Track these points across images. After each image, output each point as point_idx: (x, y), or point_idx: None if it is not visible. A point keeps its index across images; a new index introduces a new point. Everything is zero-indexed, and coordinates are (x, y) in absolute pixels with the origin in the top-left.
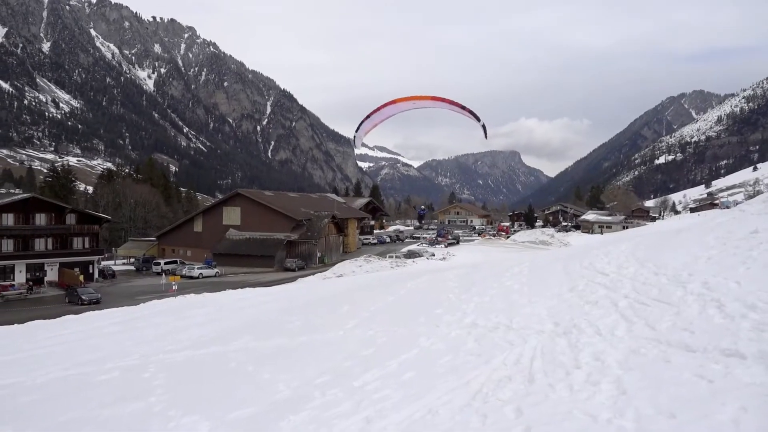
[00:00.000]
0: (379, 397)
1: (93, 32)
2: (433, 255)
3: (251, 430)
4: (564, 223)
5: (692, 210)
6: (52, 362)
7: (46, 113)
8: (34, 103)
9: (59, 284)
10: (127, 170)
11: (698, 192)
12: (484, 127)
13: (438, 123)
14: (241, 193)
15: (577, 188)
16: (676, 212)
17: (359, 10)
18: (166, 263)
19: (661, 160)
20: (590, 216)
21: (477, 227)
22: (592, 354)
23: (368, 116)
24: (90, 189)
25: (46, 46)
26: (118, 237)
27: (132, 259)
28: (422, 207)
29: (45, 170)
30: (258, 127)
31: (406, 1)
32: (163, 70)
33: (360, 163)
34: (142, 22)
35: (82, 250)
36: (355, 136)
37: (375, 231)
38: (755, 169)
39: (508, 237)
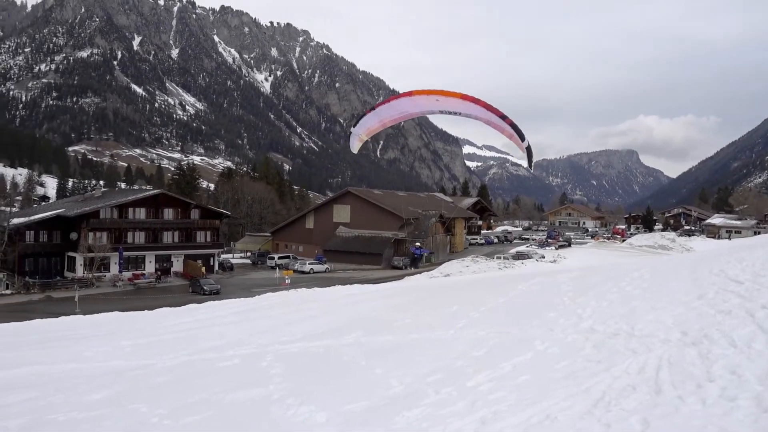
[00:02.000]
0: (494, 398)
1: (216, 38)
2: (543, 257)
3: (367, 423)
4: (687, 227)
5: None
6: (179, 347)
7: (174, 115)
8: (163, 106)
9: (183, 275)
10: (245, 169)
11: None
12: (529, 150)
13: (549, 121)
14: (351, 191)
15: (702, 190)
16: None
17: (467, 10)
18: (279, 258)
19: None
20: (717, 220)
21: (590, 229)
22: (727, 367)
23: (373, 108)
24: (211, 186)
25: (174, 53)
26: (236, 232)
27: (248, 253)
28: (417, 245)
29: (172, 168)
30: None
31: None
32: (279, 73)
33: (468, 163)
34: (261, 27)
35: (204, 243)
36: (351, 133)
37: (482, 231)
38: None
39: (623, 240)
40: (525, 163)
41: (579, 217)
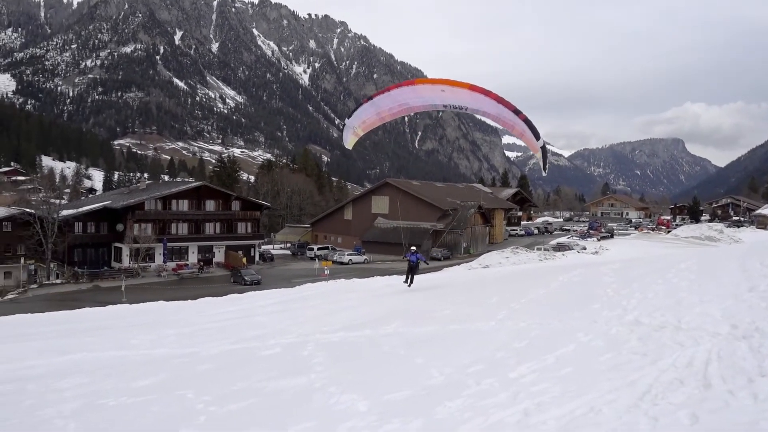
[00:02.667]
0: (537, 390)
1: (255, 31)
2: (585, 248)
3: (408, 412)
4: (735, 218)
5: None
6: (221, 336)
7: (215, 108)
8: (204, 100)
9: (225, 265)
10: (284, 160)
11: None
12: (543, 150)
13: (591, 109)
14: (390, 182)
15: (752, 179)
16: None
17: None
18: (318, 249)
19: None
20: (767, 210)
21: (633, 220)
22: None
23: (371, 98)
24: (251, 178)
25: (214, 47)
26: (276, 223)
27: (288, 244)
28: (413, 249)
29: (213, 161)
30: (405, 118)
31: None
32: (317, 65)
33: (507, 153)
34: (299, 20)
35: (245, 234)
36: (345, 125)
37: (522, 222)
38: None
39: (668, 231)
40: (538, 162)
41: (622, 208)
